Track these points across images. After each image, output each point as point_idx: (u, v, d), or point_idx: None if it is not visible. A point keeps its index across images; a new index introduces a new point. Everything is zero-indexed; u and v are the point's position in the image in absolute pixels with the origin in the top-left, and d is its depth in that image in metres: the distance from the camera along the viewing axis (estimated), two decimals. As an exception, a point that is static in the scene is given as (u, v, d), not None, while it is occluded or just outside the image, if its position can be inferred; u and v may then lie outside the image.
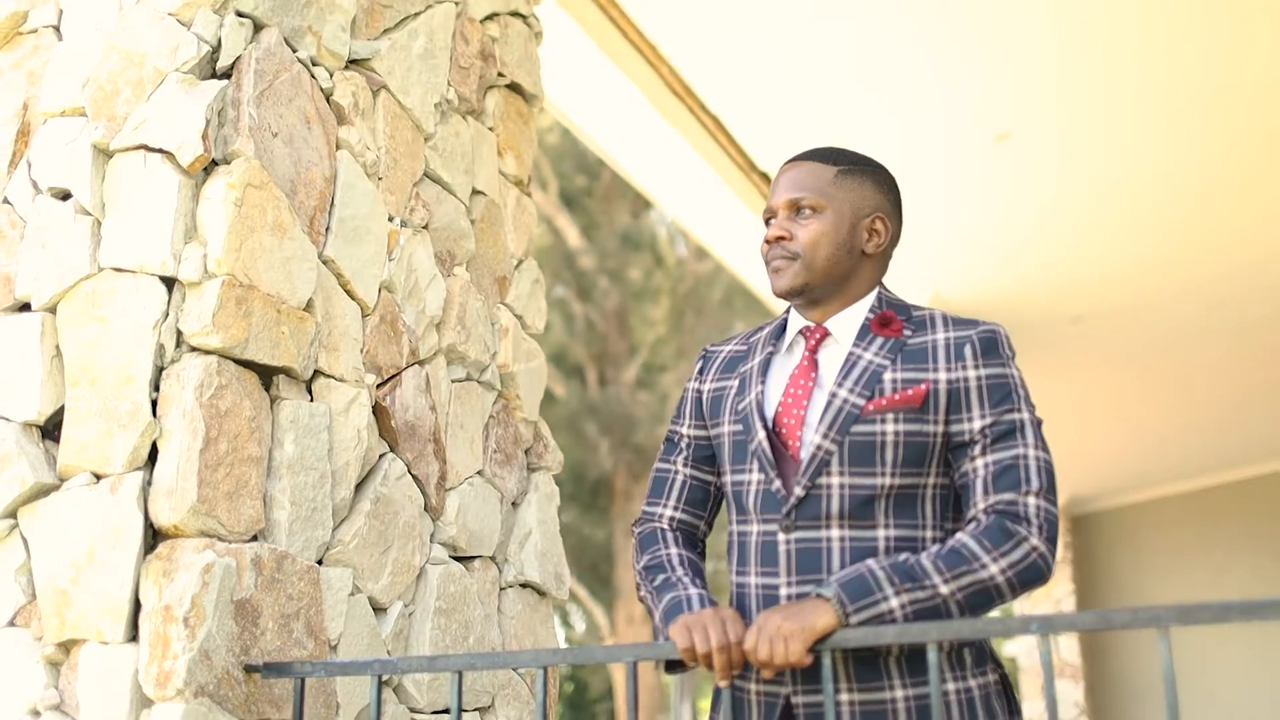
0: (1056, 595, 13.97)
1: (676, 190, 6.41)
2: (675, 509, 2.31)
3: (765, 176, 6.41)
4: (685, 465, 2.32)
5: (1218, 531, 13.23)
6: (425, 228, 3.05)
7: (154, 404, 2.33)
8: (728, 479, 2.22)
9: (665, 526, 2.29)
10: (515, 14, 3.60)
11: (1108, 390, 10.56)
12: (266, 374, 2.51)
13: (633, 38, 5.09)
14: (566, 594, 3.37)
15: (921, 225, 6.16)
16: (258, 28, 2.64)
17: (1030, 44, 5.29)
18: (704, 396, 2.32)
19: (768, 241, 2.24)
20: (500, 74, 3.50)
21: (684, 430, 2.34)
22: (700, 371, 2.36)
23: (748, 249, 6.88)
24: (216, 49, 2.55)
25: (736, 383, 2.26)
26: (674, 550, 2.24)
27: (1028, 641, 13.24)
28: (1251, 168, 6.51)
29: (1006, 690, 2.13)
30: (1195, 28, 5.16)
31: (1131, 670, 13.56)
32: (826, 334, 2.21)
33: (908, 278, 7.33)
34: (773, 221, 2.25)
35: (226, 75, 2.56)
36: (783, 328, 2.29)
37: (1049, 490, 2.02)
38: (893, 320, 2.19)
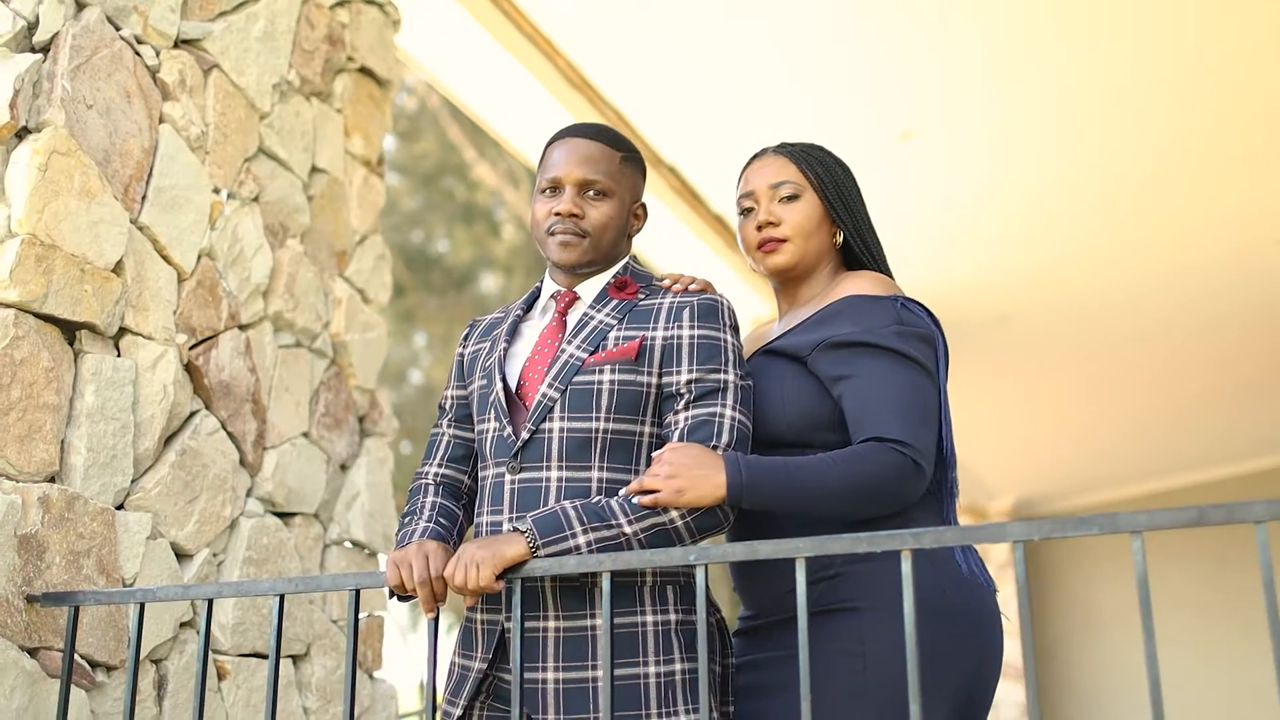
0: (1002, 597, 14.09)
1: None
2: (440, 466, 2.48)
3: (672, 170, 6.59)
4: (450, 426, 2.50)
5: (1157, 535, 13.42)
6: (255, 200, 3.23)
7: (-47, 352, 2.50)
8: (478, 430, 2.40)
9: (430, 482, 2.47)
10: (369, 1, 3.77)
11: (1044, 392, 10.67)
12: (71, 329, 2.68)
13: (527, 30, 5.27)
14: (399, 554, 3.54)
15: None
16: (80, 6, 2.81)
17: (952, 40, 5.38)
18: (464, 359, 2.51)
19: (557, 214, 2.36)
20: (350, 58, 3.68)
21: (450, 393, 2.52)
22: (465, 338, 2.55)
23: (651, 238, 7.01)
24: (35, 24, 2.72)
25: (489, 344, 2.44)
26: (430, 499, 2.41)
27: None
28: (1181, 171, 6.59)
29: (722, 635, 2.29)
30: (1123, 26, 5.24)
31: (1075, 673, 13.75)
32: (576, 298, 2.39)
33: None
34: (560, 194, 2.38)
35: (45, 50, 2.74)
36: (535, 294, 2.47)
37: (736, 448, 2.19)
38: (628, 284, 2.37)
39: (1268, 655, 12.16)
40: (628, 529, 2.11)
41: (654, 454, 2.16)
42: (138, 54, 2.93)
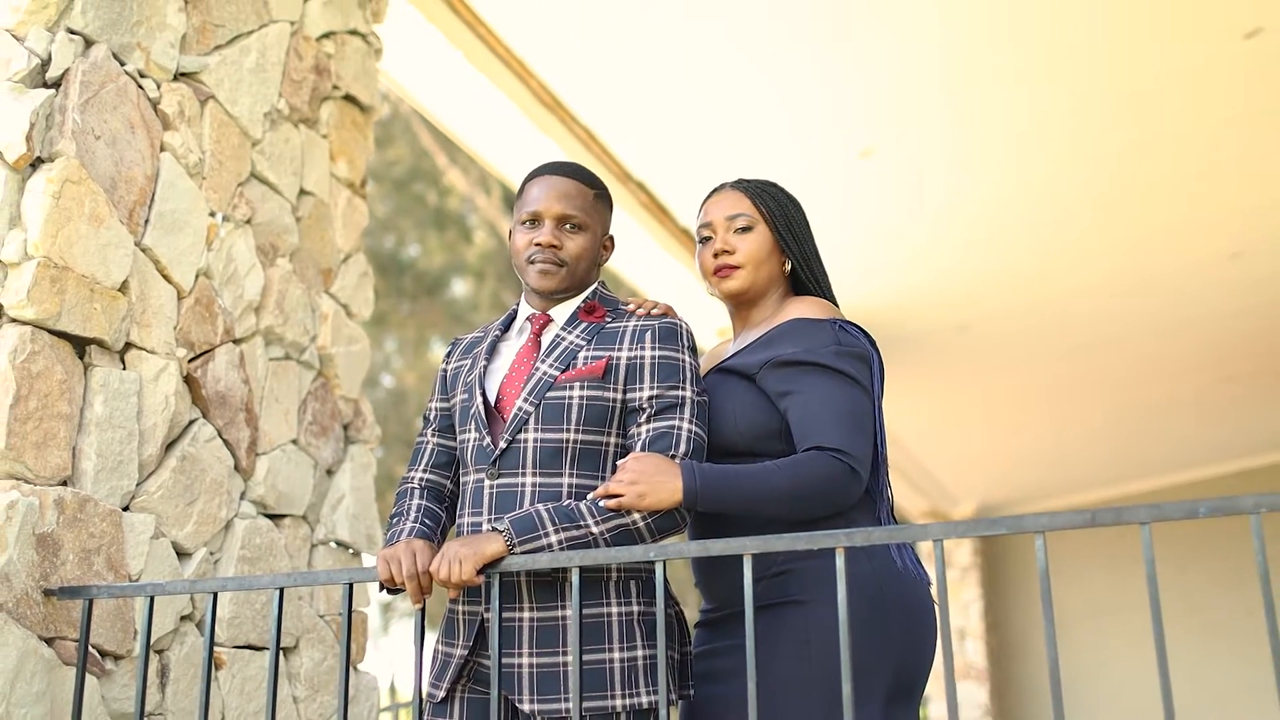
0: (965, 599, 14.51)
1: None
2: (425, 471, 2.72)
3: (641, 185, 6.84)
4: (434, 435, 2.73)
5: (1120, 541, 13.73)
6: (248, 222, 3.46)
7: (-26, 366, 2.72)
8: (459, 439, 2.64)
9: (415, 486, 2.70)
10: (353, 32, 4.01)
11: (1006, 400, 10.90)
12: (82, 344, 2.90)
13: (501, 53, 5.50)
14: (381, 554, 3.78)
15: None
16: (89, 43, 3.03)
17: (911, 60, 5.61)
18: (447, 374, 2.75)
19: (538, 245, 2.60)
20: (335, 86, 3.91)
21: (434, 405, 2.76)
22: (448, 355, 2.79)
23: (622, 252, 7.24)
24: (47, 62, 2.94)
25: (469, 361, 2.68)
26: (416, 502, 2.65)
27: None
28: (1138, 185, 6.84)
29: (680, 625, 2.54)
30: (1079, 42, 5.46)
31: (1035, 674, 14.07)
32: (549, 320, 2.63)
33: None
34: (540, 226, 2.62)
35: (57, 85, 2.96)
36: (512, 316, 2.71)
37: (692, 457, 2.43)
38: (597, 308, 2.62)
39: (1225, 656, 12.53)
40: (595, 529, 2.35)
41: (618, 462, 2.41)
42: (140, 87, 3.15)
